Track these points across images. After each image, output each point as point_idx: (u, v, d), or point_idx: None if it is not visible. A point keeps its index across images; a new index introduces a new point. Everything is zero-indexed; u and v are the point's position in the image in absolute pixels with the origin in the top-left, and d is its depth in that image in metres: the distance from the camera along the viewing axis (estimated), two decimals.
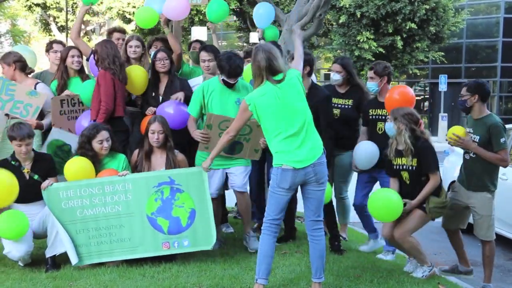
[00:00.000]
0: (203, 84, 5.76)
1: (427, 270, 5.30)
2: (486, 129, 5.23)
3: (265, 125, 4.50)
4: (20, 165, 5.30)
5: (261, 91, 4.45)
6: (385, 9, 23.88)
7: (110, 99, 5.65)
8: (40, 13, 32.63)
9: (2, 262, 5.25)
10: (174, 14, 6.61)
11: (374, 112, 5.95)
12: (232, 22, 35.04)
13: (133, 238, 5.24)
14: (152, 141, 5.44)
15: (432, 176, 5.21)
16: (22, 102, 5.95)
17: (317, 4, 8.46)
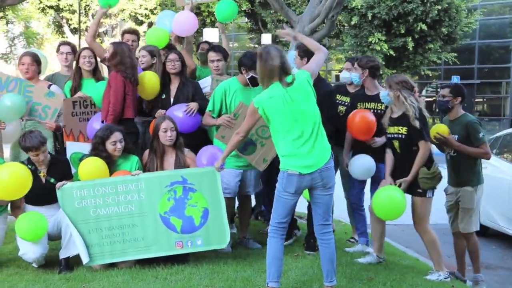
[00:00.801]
0: (224, 85, 5.77)
1: (442, 276, 5.28)
2: (463, 128, 5.52)
3: (273, 127, 4.49)
4: (36, 169, 5.33)
5: (269, 93, 4.42)
6: (397, 10, 23.80)
7: (118, 101, 5.65)
8: (53, 15, 32.87)
9: (16, 263, 5.28)
10: (183, 30, 6.67)
11: (363, 106, 5.98)
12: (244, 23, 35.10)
13: (146, 237, 5.23)
14: (164, 139, 5.44)
15: (421, 145, 5.22)
16: (40, 104, 5.99)
17: (329, 5, 8.46)
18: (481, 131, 5.51)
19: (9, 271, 5.12)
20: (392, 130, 5.39)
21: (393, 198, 5.21)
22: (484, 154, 5.55)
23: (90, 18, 32.23)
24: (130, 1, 29.72)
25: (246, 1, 28.93)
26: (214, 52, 6.32)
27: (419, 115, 5.22)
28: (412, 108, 5.19)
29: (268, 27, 29.81)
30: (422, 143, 5.22)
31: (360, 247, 6.23)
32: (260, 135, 5.56)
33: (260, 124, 5.38)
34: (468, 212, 5.55)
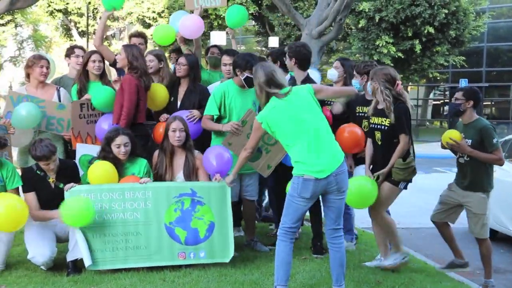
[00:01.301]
0: (222, 87, 5.80)
1: (399, 257, 5.34)
2: (477, 133, 5.47)
3: (280, 138, 4.55)
4: (45, 175, 5.34)
5: (269, 106, 4.52)
6: (404, 13, 23.75)
7: (133, 105, 5.67)
8: (61, 19, 33.03)
9: (24, 266, 5.30)
10: (189, 33, 6.70)
11: (361, 109, 6.01)
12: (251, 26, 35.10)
13: (149, 246, 5.23)
14: (173, 140, 5.44)
15: (402, 138, 5.23)
16: (55, 117, 6.02)
17: (337, 8, 8.46)
18: (495, 136, 5.46)
19: (18, 273, 5.14)
20: (375, 121, 5.41)
21: (362, 187, 5.23)
22: (497, 161, 5.51)
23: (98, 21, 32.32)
24: (137, 4, 29.83)
25: (253, 4, 28.98)
26: (228, 55, 6.37)
27: (401, 109, 5.21)
28: (387, 102, 5.19)
29: (276, 30, 29.82)
30: (402, 136, 5.23)
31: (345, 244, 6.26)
32: (266, 142, 5.57)
33: (250, 126, 5.41)
34: (481, 218, 5.51)
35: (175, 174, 5.51)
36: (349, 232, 6.34)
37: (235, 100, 5.73)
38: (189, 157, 5.50)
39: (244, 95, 5.75)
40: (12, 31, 36.15)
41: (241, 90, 5.75)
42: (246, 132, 5.50)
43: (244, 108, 5.70)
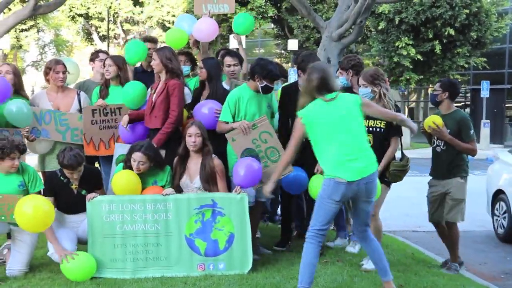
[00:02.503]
0: (237, 92, 5.78)
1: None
2: (455, 123, 5.76)
3: (315, 138, 4.52)
4: (68, 181, 5.39)
5: (313, 106, 4.50)
6: (425, 15, 23.59)
7: (181, 110, 5.76)
8: (82, 23, 33.40)
9: (48, 268, 5.35)
10: (203, 36, 6.74)
11: None
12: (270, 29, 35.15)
13: (169, 257, 5.25)
14: (189, 144, 5.44)
15: (394, 140, 5.43)
16: (78, 128, 6.07)
17: (358, 10, 8.43)
18: (472, 128, 5.79)
19: (41, 275, 5.18)
20: (368, 123, 5.43)
21: None
22: (472, 151, 5.79)
23: (118, 26, 32.67)
24: (157, 8, 30.05)
25: (272, 7, 29.02)
26: (231, 57, 6.44)
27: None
28: (390, 105, 5.32)
29: (295, 33, 29.82)
30: (395, 138, 5.41)
31: (339, 241, 6.39)
32: (268, 156, 5.57)
33: (271, 145, 5.52)
34: (460, 203, 5.78)
35: (193, 178, 5.51)
36: (342, 228, 6.48)
37: (250, 104, 5.71)
38: (206, 161, 5.47)
39: (259, 99, 5.75)
40: (34, 36, 36.60)
41: (256, 94, 5.74)
42: (252, 137, 5.52)
43: (259, 111, 5.71)
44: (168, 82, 5.75)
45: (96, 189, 5.44)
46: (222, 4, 7.08)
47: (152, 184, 5.51)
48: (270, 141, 5.57)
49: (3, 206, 4.97)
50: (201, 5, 7.09)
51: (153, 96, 5.85)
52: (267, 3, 28.85)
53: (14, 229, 5.28)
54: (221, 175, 5.52)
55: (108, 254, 5.19)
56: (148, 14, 30.38)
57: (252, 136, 5.54)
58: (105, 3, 30.80)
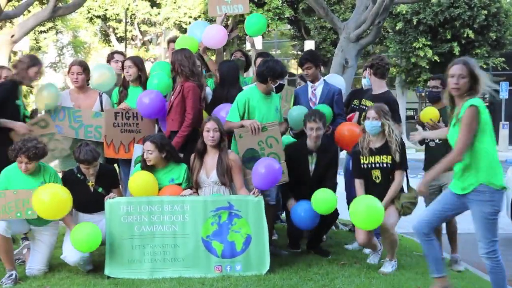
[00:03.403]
0: (246, 94, 5.79)
1: (394, 264, 5.50)
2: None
3: (484, 139, 4.22)
4: (85, 179, 5.44)
5: (482, 103, 4.19)
6: (443, 16, 23.41)
7: (197, 112, 5.78)
8: (100, 25, 33.64)
9: (66, 268, 5.38)
10: (212, 43, 6.76)
11: (364, 102, 6.20)
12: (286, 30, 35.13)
13: (186, 258, 5.27)
14: (207, 139, 5.46)
15: (399, 174, 5.50)
16: (92, 125, 6.11)
17: (376, 11, 8.38)
18: None
19: (60, 275, 5.23)
20: (374, 160, 5.51)
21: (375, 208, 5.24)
22: None
23: (135, 27, 32.86)
24: (174, 9, 30.18)
25: (289, 8, 28.99)
26: (262, 58, 6.41)
27: (403, 145, 5.53)
28: (396, 141, 5.43)
29: (311, 34, 29.76)
30: (399, 172, 5.47)
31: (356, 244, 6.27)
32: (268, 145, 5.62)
33: (274, 151, 5.60)
34: None
35: (209, 173, 5.52)
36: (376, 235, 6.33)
37: (260, 106, 5.72)
38: (223, 156, 5.49)
39: (268, 101, 5.76)
40: (53, 38, 36.97)
41: (265, 96, 5.75)
42: (258, 139, 5.55)
43: (268, 114, 5.71)
44: (184, 84, 5.78)
45: (112, 188, 5.49)
46: (236, 4, 7.08)
47: (169, 182, 5.55)
48: (275, 147, 5.61)
49: (18, 202, 5.01)
50: (215, 6, 7.11)
51: (171, 98, 5.89)
52: (284, 4, 28.83)
53: (34, 229, 5.35)
54: (237, 170, 5.54)
55: (126, 255, 5.22)
56: (165, 16, 30.52)
57: (259, 138, 5.57)
58: (123, 5, 31.00)
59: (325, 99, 6.39)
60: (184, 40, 6.86)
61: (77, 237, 5.06)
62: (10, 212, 5.01)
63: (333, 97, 6.41)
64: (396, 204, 5.48)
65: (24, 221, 5.22)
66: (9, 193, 5.04)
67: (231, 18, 7.16)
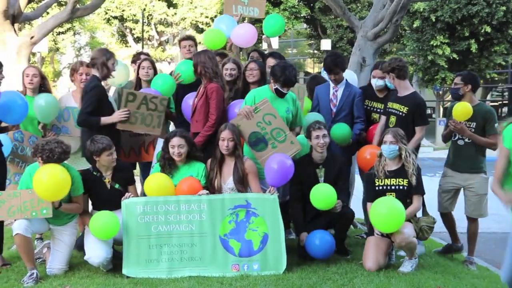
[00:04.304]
0: (254, 92, 5.81)
1: (415, 263, 5.43)
2: (480, 116, 5.81)
3: None
4: (101, 175, 5.49)
5: None
6: (461, 13, 23.15)
7: (220, 113, 5.82)
8: (117, 25, 33.81)
9: (86, 267, 5.43)
10: (241, 42, 6.75)
11: (391, 105, 6.12)
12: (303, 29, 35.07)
13: (204, 257, 5.28)
14: (222, 148, 5.49)
15: (417, 198, 5.49)
16: None
17: (393, 9, 8.31)
18: (496, 121, 5.82)
19: (80, 274, 5.27)
20: (390, 182, 5.52)
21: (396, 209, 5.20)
22: (493, 145, 5.73)
23: (152, 27, 32.98)
24: (191, 9, 30.23)
25: (305, 7, 28.93)
26: (274, 58, 6.49)
27: (419, 169, 5.55)
28: (412, 165, 5.44)
29: (328, 33, 29.68)
30: (417, 197, 5.47)
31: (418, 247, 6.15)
32: (274, 137, 5.59)
33: (275, 126, 5.53)
34: (483, 197, 5.89)
35: (225, 180, 5.56)
36: None
37: None
38: (238, 164, 5.52)
39: (278, 102, 5.73)
40: (71, 39, 37.23)
41: (275, 97, 5.74)
42: (256, 121, 5.56)
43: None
44: (207, 86, 5.80)
45: (128, 185, 5.53)
46: (252, 7, 7.09)
47: None
48: (275, 123, 5.58)
49: (33, 201, 5.06)
50: (232, 6, 7.12)
51: (195, 100, 5.92)
52: (300, 3, 28.78)
53: (53, 229, 5.40)
54: (253, 176, 5.56)
55: (143, 254, 5.25)
56: (182, 16, 30.58)
57: (256, 120, 5.57)
58: (140, 5, 31.12)
59: (346, 101, 6.37)
60: (212, 33, 6.85)
61: (96, 224, 5.12)
62: (25, 211, 5.06)
63: (354, 99, 6.40)
64: (414, 226, 5.43)
65: (44, 221, 5.28)
66: (24, 192, 5.09)
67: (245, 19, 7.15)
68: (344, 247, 5.95)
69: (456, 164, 5.99)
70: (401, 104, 5.97)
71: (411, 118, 5.94)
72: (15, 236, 5.05)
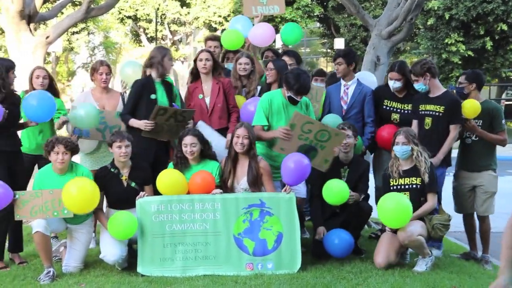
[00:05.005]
0: (268, 96, 5.76)
1: (429, 261, 5.37)
2: (487, 113, 5.81)
3: None
4: (118, 172, 5.53)
5: None
6: (476, 11, 22.97)
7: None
8: (131, 25, 33.98)
9: (102, 265, 5.46)
10: (259, 41, 6.76)
11: (423, 107, 6.03)
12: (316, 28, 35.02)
13: (218, 256, 5.28)
14: (236, 146, 5.47)
15: (431, 196, 5.47)
16: (116, 126, 6.12)
17: (408, 7, 8.29)
18: (503, 118, 5.88)
19: (95, 272, 5.30)
20: (404, 181, 5.53)
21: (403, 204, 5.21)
22: (502, 141, 5.87)
23: (165, 27, 33.11)
24: (204, 9, 30.32)
25: (318, 6, 28.88)
26: (288, 56, 6.46)
27: (434, 167, 5.53)
28: (424, 163, 5.44)
29: (341, 32, 29.60)
30: (432, 195, 5.47)
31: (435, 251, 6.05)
32: (318, 139, 5.55)
33: (316, 130, 5.48)
34: (492, 196, 5.93)
35: (239, 180, 5.55)
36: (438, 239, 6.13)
37: (280, 112, 5.70)
38: (253, 164, 5.50)
39: (291, 108, 5.67)
40: (85, 39, 37.46)
41: (288, 103, 5.70)
42: (298, 134, 5.50)
43: (288, 118, 5.63)
44: (223, 81, 5.85)
45: (145, 185, 5.54)
46: (272, 5, 7.08)
47: None
48: (314, 128, 5.53)
49: (54, 202, 5.11)
50: (251, 7, 7.11)
51: (206, 100, 5.94)
52: (313, 2, 28.74)
53: (70, 227, 5.45)
54: (267, 177, 5.54)
55: (157, 253, 5.27)
56: (195, 15, 30.68)
57: (296, 135, 5.52)
58: (153, 5, 31.27)
59: (356, 100, 6.35)
60: (231, 34, 6.86)
61: (114, 224, 5.14)
62: (47, 211, 5.12)
63: (365, 98, 6.37)
64: (427, 225, 5.42)
65: (61, 220, 5.32)
66: (45, 192, 5.14)
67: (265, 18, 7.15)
68: (357, 247, 5.93)
69: (466, 164, 5.99)
70: (436, 104, 5.89)
71: (448, 117, 5.86)
72: (35, 234, 5.10)
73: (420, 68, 5.89)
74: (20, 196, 5.14)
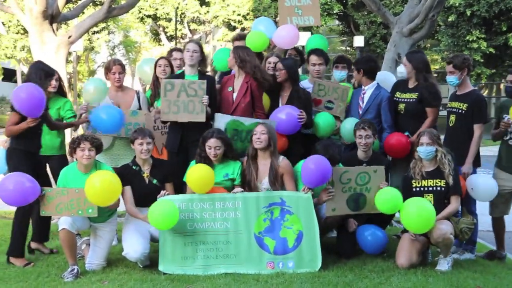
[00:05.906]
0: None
1: (450, 261, 5.38)
2: None
3: None
4: (140, 170, 5.57)
5: None
6: (498, 7, 22.64)
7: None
8: (150, 24, 34.17)
9: (124, 263, 5.51)
10: (283, 43, 6.76)
11: (450, 105, 5.98)
12: (335, 26, 34.83)
13: (239, 255, 5.30)
14: (254, 142, 5.49)
15: (455, 198, 5.42)
16: (131, 123, 6.19)
17: (430, 4, 8.22)
18: None
19: (118, 270, 5.35)
20: (427, 183, 5.48)
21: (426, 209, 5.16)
22: None
23: (185, 26, 33.22)
24: (223, 7, 30.36)
25: (338, 4, 28.74)
26: (316, 55, 6.40)
27: (458, 170, 5.53)
28: (449, 165, 5.39)
29: (361, 29, 29.43)
30: (455, 197, 5.41)
31: (467, 254, 6.03)
32: (361, 184, 5.51)
33: (355, 176, 5.47)
34: None
35: (261, 179, 5.56)
36: (473, 243, 6.12)
37: None
38: (274, 163, 5.51)
39: None
40: (105, 38, 37.73)
41: None
42: (340, 187, 5.47)
43: None
44: (251, 82, 5.88)
45: (166, 182, 5.58)
46: (307, 16, 7.07)
47: (224, 177, 5.58)
48: (351, 174, 5.49)
49: (79, 200, 5.15)
50: (286, 17, 7.11)
51: (233, 95, 5.96)
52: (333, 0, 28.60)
53: (94, 226, 5.50)
54: (289, 177, 5.54)
55: (179, 251, 5.30)
56: (214, 14, 30.75)
57: (338, 189, 5.48)
58: (173, 4, 31.41)
59: (372, 104, 6.25)
60: (255, 36, 6.87)
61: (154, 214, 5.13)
62: (72, 210, 5.17)
63: (381, 103, 6.26)
64: (455, 227, 5.37)
65: (86, 218, 5.37)
66: (71, 191, 5.19)
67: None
68: None
69: (509, 166, 5.80)
70: (460, 101, 5.84)
71: (471, 115, 5.79)
72: (61, 231, 5.16)
73: (462, 62, 5.82)
74: (47, 193, 5.20)
